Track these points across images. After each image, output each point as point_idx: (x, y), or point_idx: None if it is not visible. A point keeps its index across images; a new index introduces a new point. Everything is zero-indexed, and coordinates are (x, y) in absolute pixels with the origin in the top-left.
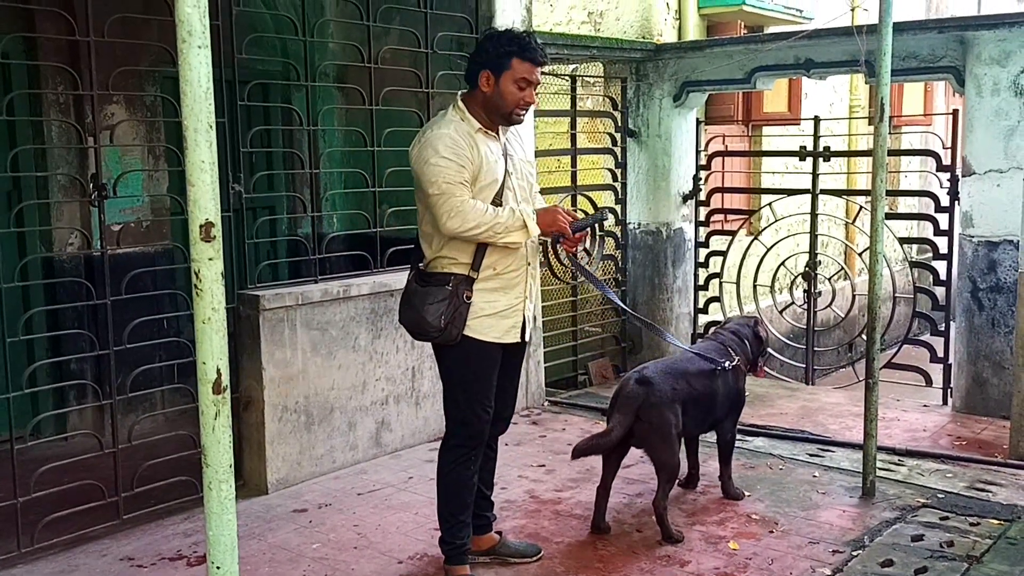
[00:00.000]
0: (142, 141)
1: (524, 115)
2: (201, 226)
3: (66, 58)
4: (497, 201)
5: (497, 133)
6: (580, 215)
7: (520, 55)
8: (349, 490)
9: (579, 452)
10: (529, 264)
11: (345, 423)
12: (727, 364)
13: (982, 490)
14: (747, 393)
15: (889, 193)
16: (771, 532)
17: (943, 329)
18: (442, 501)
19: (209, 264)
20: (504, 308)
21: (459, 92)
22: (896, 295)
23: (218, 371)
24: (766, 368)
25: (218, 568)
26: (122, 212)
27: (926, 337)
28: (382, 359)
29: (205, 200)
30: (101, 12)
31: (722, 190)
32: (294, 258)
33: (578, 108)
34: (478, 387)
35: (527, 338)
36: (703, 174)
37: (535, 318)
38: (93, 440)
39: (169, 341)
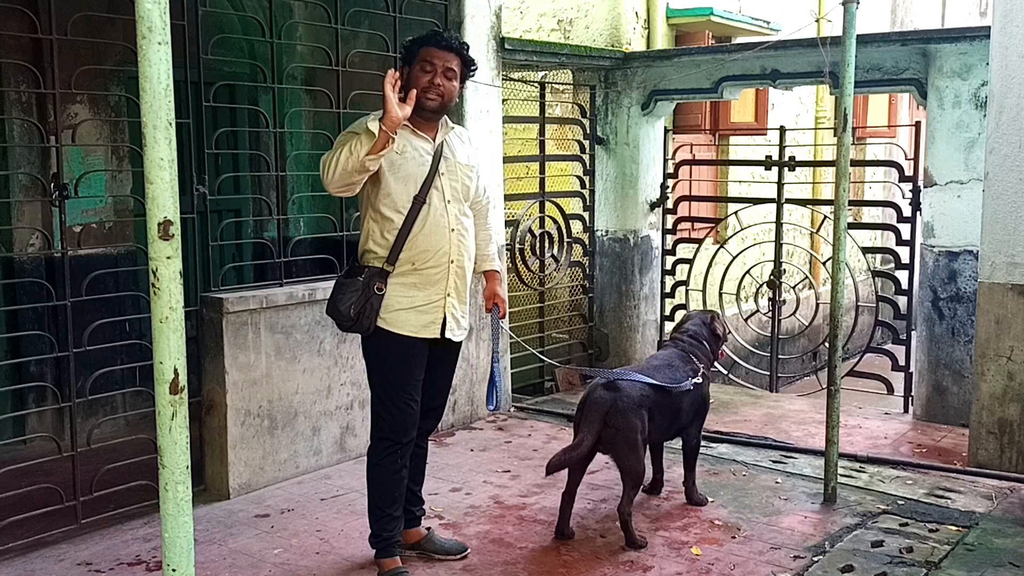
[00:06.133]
0: (105, 141)
1: (433, 102)
2: (159, 224)
3: (28, 56)
4: (421, 197)
5: (431, 135)
6: (548, 221)
7: (426, 43)
8: (312, 495)
9: (553, 467)
10: (453, 262)
11: (309, 428)
12: (691, 384)
13: (941, 497)
14: (712, 400)
15: (852, 203)
16: (733, 538)
17: (905, 338)
18: (371, 495)
19: (167, 263)
20: (422, 303)
21: None
22: (859, 304)
23: (175, 371)
24: (724, 354)
25: (174, 571)
26: (84, 213)
27: (888, 346)
28: (347, 363)
29: (164, 198)
30: (65, 10)
31: (689, 198)
32: (259, 261)
33: (547, 115)
34: (399, 380)
35: (453, 337)
36: (670, 182)
37: (463, 317)
38: (52, 443)
39: (130, 344)
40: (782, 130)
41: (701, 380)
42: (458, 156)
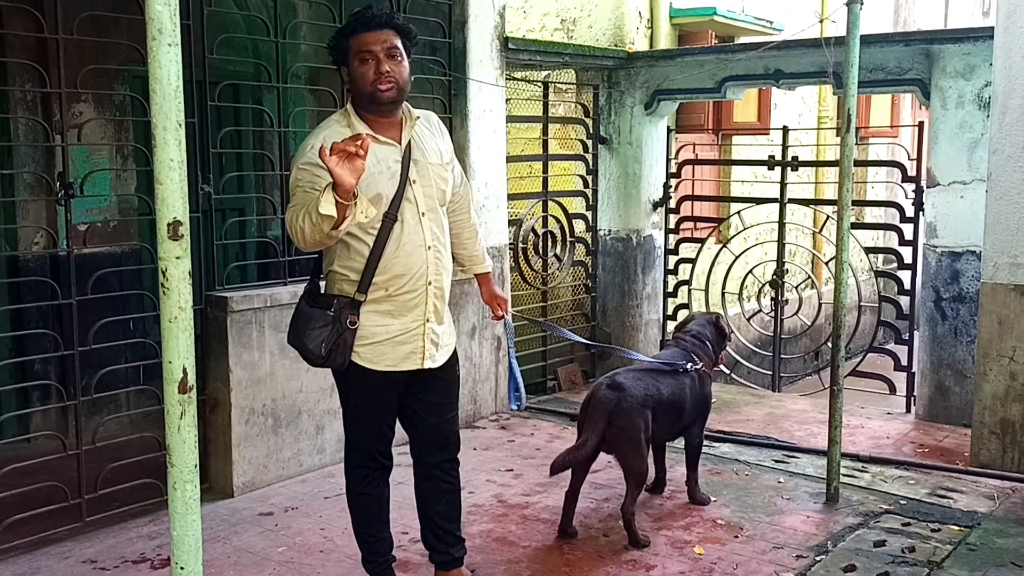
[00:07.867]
0: (110, 140)
1: (390, 91)
2: (169, 224)
3: (34, 55)
4: (392, 214)
5: (396, 136)
6: (551, 221)
7: (354, 31)
8: (316, 493)
9: (557, 468)
10: (431, 283)
11: (313, 426)
12: (690, 367)
13: (943, 497)
14: (714, 399)
15: (855, 203)
16: (736, 537)
17: (907, 338)
18: (356, 524)
19: (176, 263)
20: (399, 332)
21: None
22: (861, 304)
23: (184, 370)
24: (726, 360)
25: (182, 569)
26: (89, 212)
27: (890, 346)
28: None
29: (173, 198)
30: (70, 10)
31: (692, 198)
32: (263, 260)
33: (550, 114)
34: (372, 416)
35: (434, 364)
36: (673, 182)
37: (445, 336)
38: (56, 441)
39: (135, 342)
40: (785, 130)
41: (703, 376)
42: (429, 155)
